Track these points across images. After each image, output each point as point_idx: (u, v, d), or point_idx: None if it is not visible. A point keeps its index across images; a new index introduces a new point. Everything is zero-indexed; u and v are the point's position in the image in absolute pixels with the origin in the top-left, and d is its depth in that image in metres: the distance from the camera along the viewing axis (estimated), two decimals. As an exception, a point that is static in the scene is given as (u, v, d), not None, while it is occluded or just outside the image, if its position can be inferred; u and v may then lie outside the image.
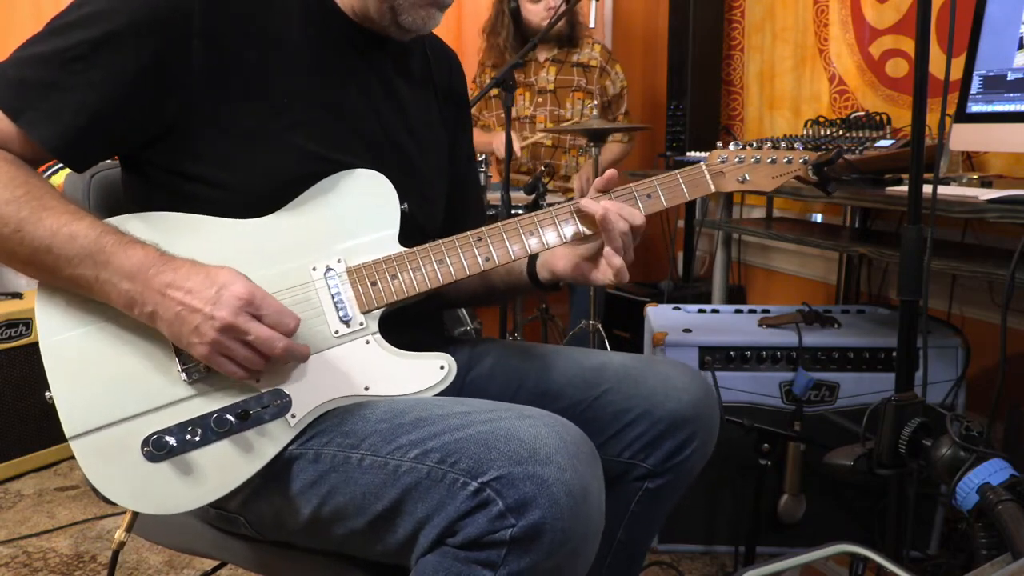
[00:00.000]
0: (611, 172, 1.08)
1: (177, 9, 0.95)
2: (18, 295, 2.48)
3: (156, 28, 0.94)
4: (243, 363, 0.91)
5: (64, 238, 0.89)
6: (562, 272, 1.14)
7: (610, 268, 1.05)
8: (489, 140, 2.94)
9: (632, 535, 1.20)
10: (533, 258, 1.18)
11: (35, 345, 0.95)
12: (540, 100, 3.08)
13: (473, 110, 3.11)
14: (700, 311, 2.12)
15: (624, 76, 3.11)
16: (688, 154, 2.87)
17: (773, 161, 1.13)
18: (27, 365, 2.39)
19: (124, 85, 0.94)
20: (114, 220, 0.97)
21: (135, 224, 0.96)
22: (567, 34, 3.01)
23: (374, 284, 1.02)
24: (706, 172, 1.13)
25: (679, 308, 2.15)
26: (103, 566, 1.93)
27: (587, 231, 1.08)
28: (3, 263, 0.94)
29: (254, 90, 1.00)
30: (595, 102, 2.93)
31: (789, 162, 1.13)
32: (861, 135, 1.91)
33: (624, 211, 1.05)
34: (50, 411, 0.92)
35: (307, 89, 1.04)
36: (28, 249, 0.90)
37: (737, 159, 1.14)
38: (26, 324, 2.40)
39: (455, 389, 1.00)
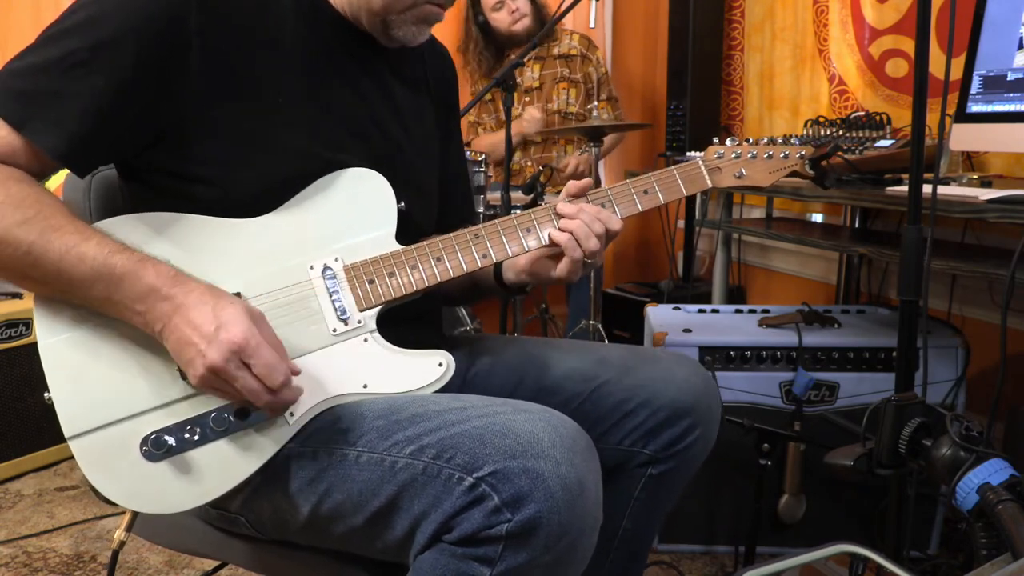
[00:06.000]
0: (586, 181, 1.11)
1: (173, 11, 0.95)
2: (18, 295, 2.47)
3: (152, 30, 0.94)
4: (232, 397, 0.91)
5: (73, 259, 0.89)
6: (523, 267, 1.14)
7: (569, 264, 1.06)
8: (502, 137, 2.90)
9: (636, 524, 1.19)
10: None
11: (35, 345, 0.95)
12: (527, 99, 3.10)
13: (472, 116, 3.12)
14: (700, 311, 2.12)
15: (604, 62, 3.16)
16: (688, 154, 2.87)
17: (769, 156, 1.14)
18: (27, 365, 2.39)
19: (124, 88, 0.93)
20: (114, 222, 0.97)
21: (134, 226, 0.96)
22: (536, 31, 2.96)
23: (372, 282, 1.02)
24: (703, 168, 1.14)
25: (679, 308, 2.15)
26: (103, 566, 1.93)
27: None
28: (18, 284, 0.94)
29: (250, 91, 1.00)
30: (586, 88, 2.95)
31: (786, 157, 1.14)
32: (861, 135, 1.90)
33: (602, 215, 1.06)
34: (50, 411, 0.92)
35: (302, 89, 1.04)
36: (40, 271, 0.90)
37: (733, 155, 1.15)
38: (26, 324, 2.40)
39: (455, 388, 1.00)
